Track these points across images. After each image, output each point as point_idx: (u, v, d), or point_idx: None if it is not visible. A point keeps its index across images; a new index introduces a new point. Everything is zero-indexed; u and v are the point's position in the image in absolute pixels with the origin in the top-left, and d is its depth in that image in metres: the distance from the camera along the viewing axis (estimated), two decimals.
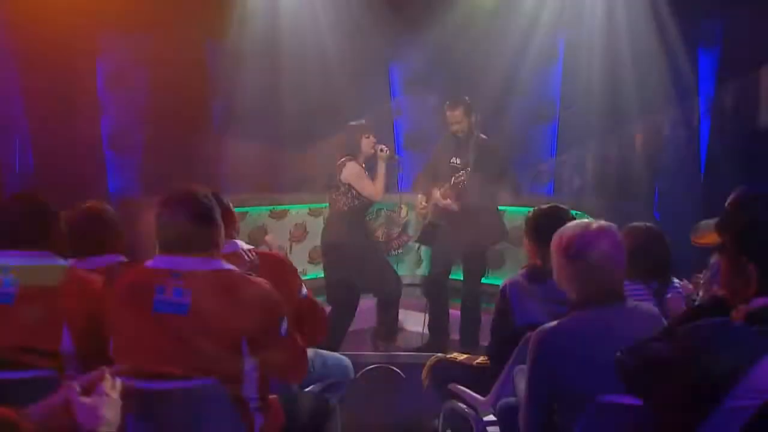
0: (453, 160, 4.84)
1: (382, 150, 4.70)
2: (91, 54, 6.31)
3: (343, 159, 4.68)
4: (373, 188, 4.69)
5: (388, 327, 5.02)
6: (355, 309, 4.85)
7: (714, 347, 1.38)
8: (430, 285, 4.98)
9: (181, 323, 2.08)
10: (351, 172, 4.65)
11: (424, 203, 4.96)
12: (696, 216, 6.21)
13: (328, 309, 4.78)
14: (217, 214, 2.24)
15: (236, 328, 2.09)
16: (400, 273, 6.45)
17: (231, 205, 2.80)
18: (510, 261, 6.15)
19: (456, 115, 4.79)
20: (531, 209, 3.02)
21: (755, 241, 1.49)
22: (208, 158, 6.63)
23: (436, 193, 4.77)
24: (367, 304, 5.39)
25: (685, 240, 2.48)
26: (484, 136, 4.88)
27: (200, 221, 2.18)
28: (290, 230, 6.28)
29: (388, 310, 4.99)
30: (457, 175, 4.58)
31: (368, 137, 4.71)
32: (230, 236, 2.54)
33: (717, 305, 1.62)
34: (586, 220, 2.25)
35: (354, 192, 4.67)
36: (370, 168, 4.75)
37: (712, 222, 1.67)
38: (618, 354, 1.59)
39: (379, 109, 7.03)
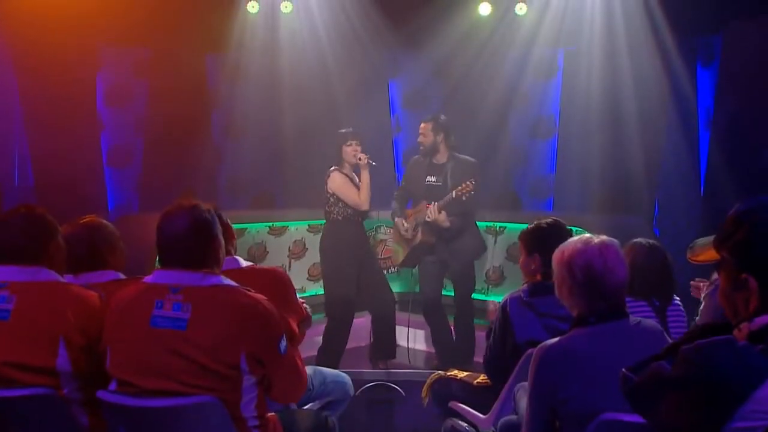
0: (429, 178, 4.85)
1: (360, 159, 4.71)
2: (91, 68, 6.31)
3: (330, 169, 4.74)
4: (357, 197, 4.72)
5: (384, 344, 5.01)
6: (350, 323, 4.85)
7: (718, 367, 1.36)
8: (427, 307, 4.96)
9: (179, 338, 2.06)
10: (334, 181, 4.72)
11: (406, 225, 4.94)
12: (695, 231, 6.25)
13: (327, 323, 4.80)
14: (218, 229, 2.24)
15: (235, 344, 2.08)
16: (398, 290, 6.49)
17: (229, 221, 2.80)
18: (510, 277, 6.13)
19: (422, 127, 4.88)
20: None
21: (755, 256, 1.46)
22: (207, 173, 6.64)
23: (431, 210, 4.73)
24: (362, 322, 5.37)
25: (684, 256, 2.47)
26: (459, 155, 4.91)
27: (200, 236, 2.18)
28: (289, 247, 6.25)
29: (383, 326, 4.99)
30: (460, 188, 4.58)
31: (350, 145, 4.73)
32: (228, 252, 2.53)
33: (720, 324, 1.59)
34: (587, 235, 2.23)
35: (343, 202, 4.72)
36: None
37: (709, 239, 1.65)
38: (623, 371, 1.58)
39: (379, 125, 7.04)
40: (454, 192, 4.62)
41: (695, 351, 1.42)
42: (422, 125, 4.91)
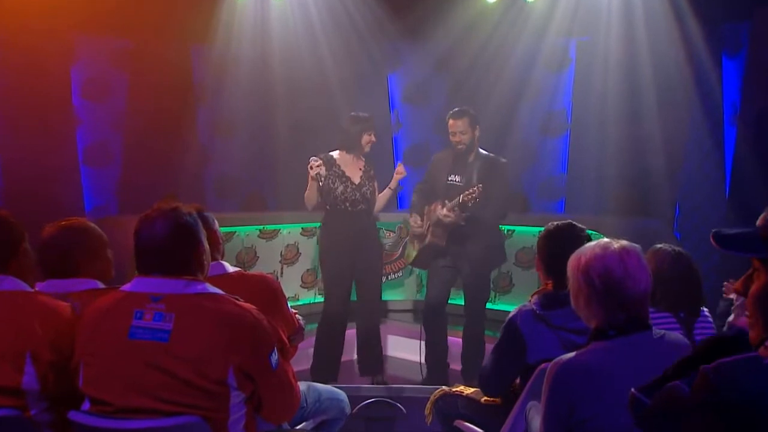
0: (451, 177, 4.80)
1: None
2: (65, 59, 6.27)
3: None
4: (310, 192, 4.78)
5: (367, 356, 4.99)
6: (339, 327, 4.85)
7: (746, 389, 1.32)
8: (428, 312, 4.92)
9: (160, 351, 2.04)
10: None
11: (419, 222, 4.92)
12: None
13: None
14: (201, 233, 2.23)
15: (222, 357, 2.06)
16: (399, 298, 6.46)
17: (216, 223, 2.77)
18: (519, 285, 6.13)
19: (459, 125, 4.75)
20: (542, 228, 2.98)
21: None
22: (192, 173, 6.62)
23: (439, 210, 4.71)
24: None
25: (708, 262, 2.43)
26: (487, 153, 4.86)
27: (182, 241, 2.17)
28: (281, 251, 6.24)
29: (365, 335, 4.98)
30: (467, 192, 4.53)
31: (370, 134, 4.81)
32: (213, 258, 2.51)
33: (742, 337, 1.55)
34: (606, 239, 2.20)
35: (326, 189, 4.79)
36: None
37: None
38: (632, 392, 1.53)
39: (377, 121, 7.01)
40: (461, 196, 4.57)
41: (718, 371, 1.38)
42: (455, 122, 4.76)
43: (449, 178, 4.81)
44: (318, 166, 4.70)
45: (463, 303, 5.02)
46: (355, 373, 5.04)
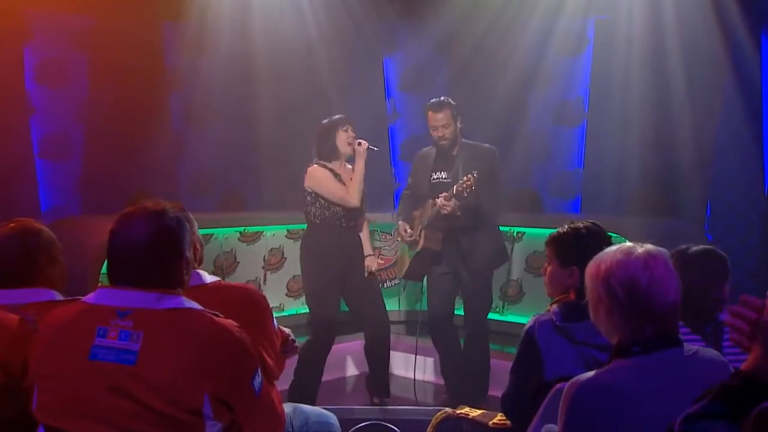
0: (436, 175, 4.84)
1: (359, 143, 4.75)
2: (17, 39, 6.23)
3: (311, 164, 4.80)
4: (343, 191, 4.73)
5: (375, 377, 5.02)
6: (325, 349, 4.84)
7: None
8: (435, 327, 4.94)
9: (126, 375, 2.01)
10: (312, 176, 4.77)
11: (409, 230, 4.94)
12: (757, 238, 6.15)
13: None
14: (187, 242, 2.20)
15: (197, 383, 2.03)
16: (398, 308, 6.44)
17: (195, 225, 2.75)
18: (530, 293, 6.14)
19: (440, 117, 4.82)
20: (555, 230, 2.97)
21: None
22: (164, 168, 6.60)
23: (438, 201, 4.68)
24: (356, 346, 5.33)
25: (744, 270, 2.41)
26: (472, 142, 4.92)
27: (165, 248, 2.14)
28: (265, 256, 6.25)
29: (374, 355, 4.99)
30: (462, 181, 4.56)
31: (345, 130, 4.78)
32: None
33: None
34: (629, 243, 2.19)
35: (322, 200, 4.71)
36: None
37: None
38: (676, 425, 1.51)
39: (372, 110, 7.01)
40: (455, 187, 4.59)
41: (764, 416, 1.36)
42: (435, 115, 4.84)
43: (434, 176, 4.86)
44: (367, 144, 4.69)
45: (462, 313, 5.04)
46: (347, 392, 5.04)
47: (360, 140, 4.75)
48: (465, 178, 4.56)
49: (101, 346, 2.03)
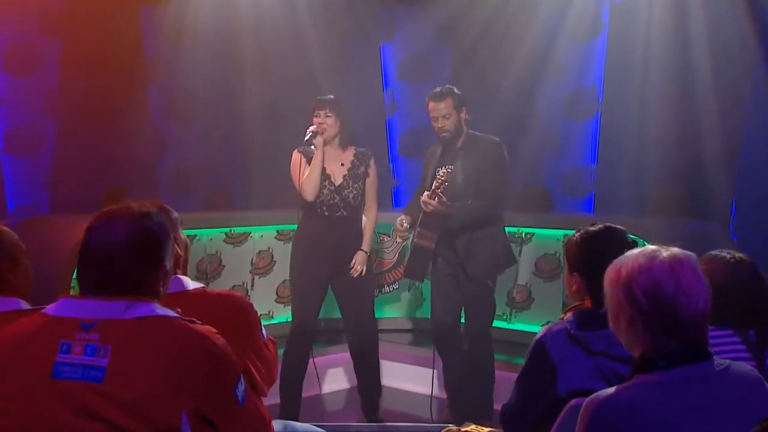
0: (439, 171, 4.81)
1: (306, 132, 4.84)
2: None
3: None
4: (298, 182, 4.78)
5: (363, 385, 5.01)
6: (303, 355, 4.86)
7: None
8: (439, 337, 4.96)
9: (94, 394, 1.97)
10: (290, 163, 4.84)
11: (405, 224, 4.97)
12: None
13: None
14: (168, 251, 2.17)
15: (173, 399, 1.99)
16: (397, 315, 6.43)
17: (180, 227, 2.77)
18: (540, 299, 6.12)
19: (441, 108, 4.82)
20: (567, 232, 2.93)
21: None
22: (144, 165, 6.60)
23: (422, 201, 4.73)
24: (348, 357, 5.31)
25: None
26: (478, 133, 4.94)
27: (144, 256, 2.11)
28: (252, 259, 6.25)
29: (358, 360, 5.00)
30: (437, 178, 4.60)
31: (317, 115, 4.82)
32: (173, 271, 2.44)
33: None
34: (652, 247, 2.15)
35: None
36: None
37: None
38: None
39: (368, 102, 7.00)
40: (433, 184, 4.62)
41: None
42: (436, 105, 4.84)
43: (438, 172, 4.83)
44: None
45: (463, 321, 5.03)
46: (341, 407, 5.03)
47: (311, 127, 4.75)
48: (439, 174, 4.58)
49: (65, 362, 2.00)
